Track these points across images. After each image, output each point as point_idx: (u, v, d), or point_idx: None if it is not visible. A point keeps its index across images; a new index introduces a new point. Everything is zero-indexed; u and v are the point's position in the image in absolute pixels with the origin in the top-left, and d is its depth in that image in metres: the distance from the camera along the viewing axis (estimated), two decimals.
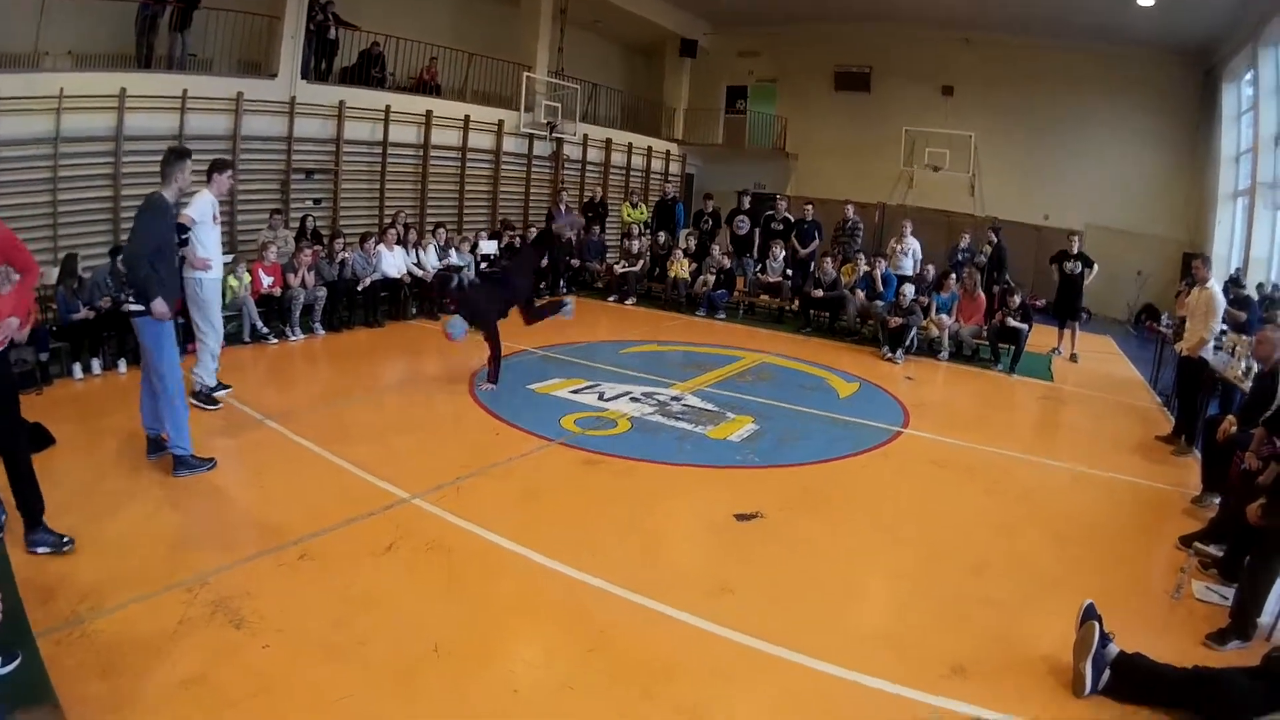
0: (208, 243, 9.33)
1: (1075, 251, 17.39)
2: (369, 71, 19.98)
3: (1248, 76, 21.71)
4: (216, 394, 9.70)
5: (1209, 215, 23.94)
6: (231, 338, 12.17)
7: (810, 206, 20.56)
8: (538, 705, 4.63)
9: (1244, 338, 11.46)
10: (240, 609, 5.24)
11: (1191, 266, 12.01)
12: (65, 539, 5.81)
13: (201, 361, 9.61)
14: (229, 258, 13.17)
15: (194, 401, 9.10)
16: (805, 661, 5.29)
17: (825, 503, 8.33)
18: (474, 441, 9.10)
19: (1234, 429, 8.24)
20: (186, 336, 11.22)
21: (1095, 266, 17.41)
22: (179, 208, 8.19)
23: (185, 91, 14.97)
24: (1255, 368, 9.41)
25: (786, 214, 20.33)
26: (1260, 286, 18.05)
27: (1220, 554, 7.24)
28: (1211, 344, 11.22)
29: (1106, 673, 5.18)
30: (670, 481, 8.52)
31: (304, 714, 4.40)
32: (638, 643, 5.37)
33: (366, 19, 20.13)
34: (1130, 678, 5.15)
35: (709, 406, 11.18)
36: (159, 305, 7.26)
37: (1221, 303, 11.26)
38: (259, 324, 12.75)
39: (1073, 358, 17.53)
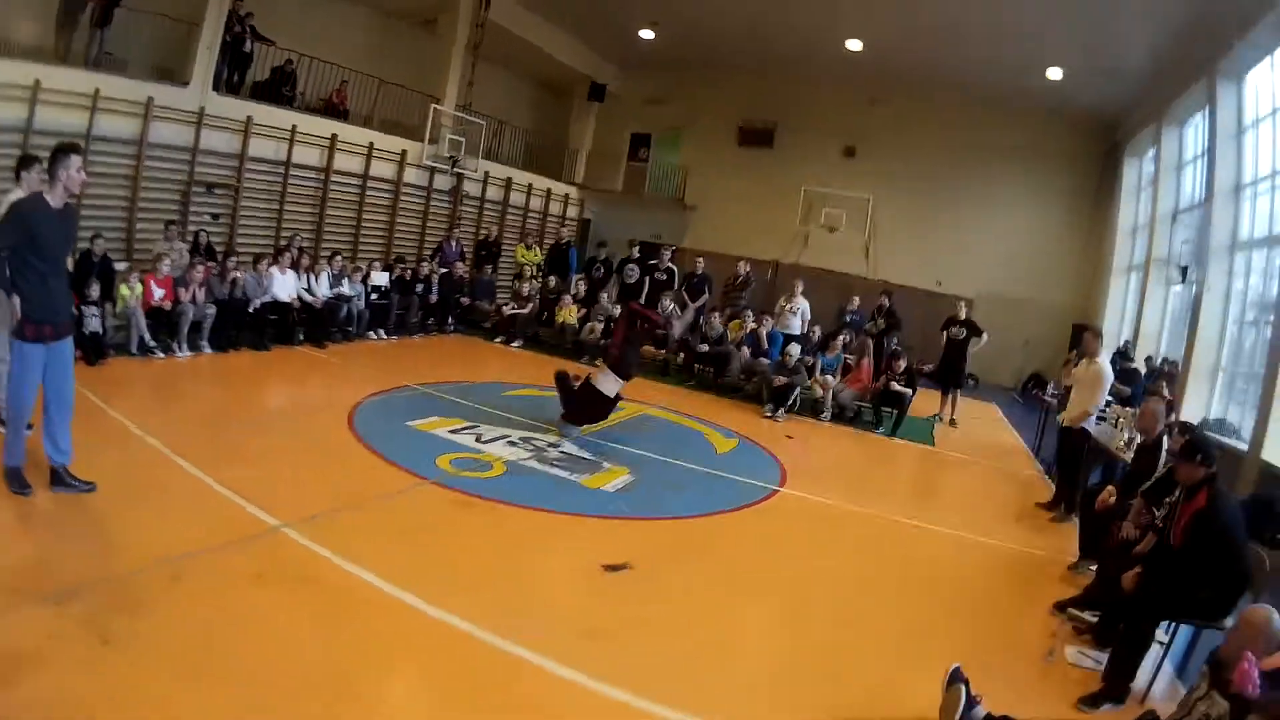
0: None
1: (962, 318, 17.98)
2: (279, 89, 20.07)
3: (1150, 153, 22.69)
4: None
5: (1101, 286, 24.92)
6: (119, 348, 12.25)
7: (701, 260, 20.85)
8: None
9: (1128, 410, 11.97)
10: (110, 626, 5.21)
11: (1082, 339, 12.39)
12: None
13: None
14: (124, 265, 13.21)
15: None
16: (673, 715, 5.36)
17: (696, 556, 8.46)
18: (350, 475, 9.05)
19: (1113, 499, 8.51)
20: (94, 350, 11.39)
21: (985, 336, 17.98)
22: (69, 212, 7.26)
23: (98, 91, 15.05)
24: (1137, 439, 9.79)
25: (670, 264, 20.64)
26: (1149, 360, 18.69)
27: (1094, 620, 7.50)
28: (1094, 416, 11.56)
29: None
30: (541, 528, 8.58)
31: None
32: (500, 687, 5.44)
33: (283, 34, 20.23)
34: None
35: (585, 455, 11.28)
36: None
37: (1109, 378, 11.65)
38: (147, 336, 12.62)
39: (951, 423, 18.00)
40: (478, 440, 11.11)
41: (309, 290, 15.74)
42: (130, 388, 11.32)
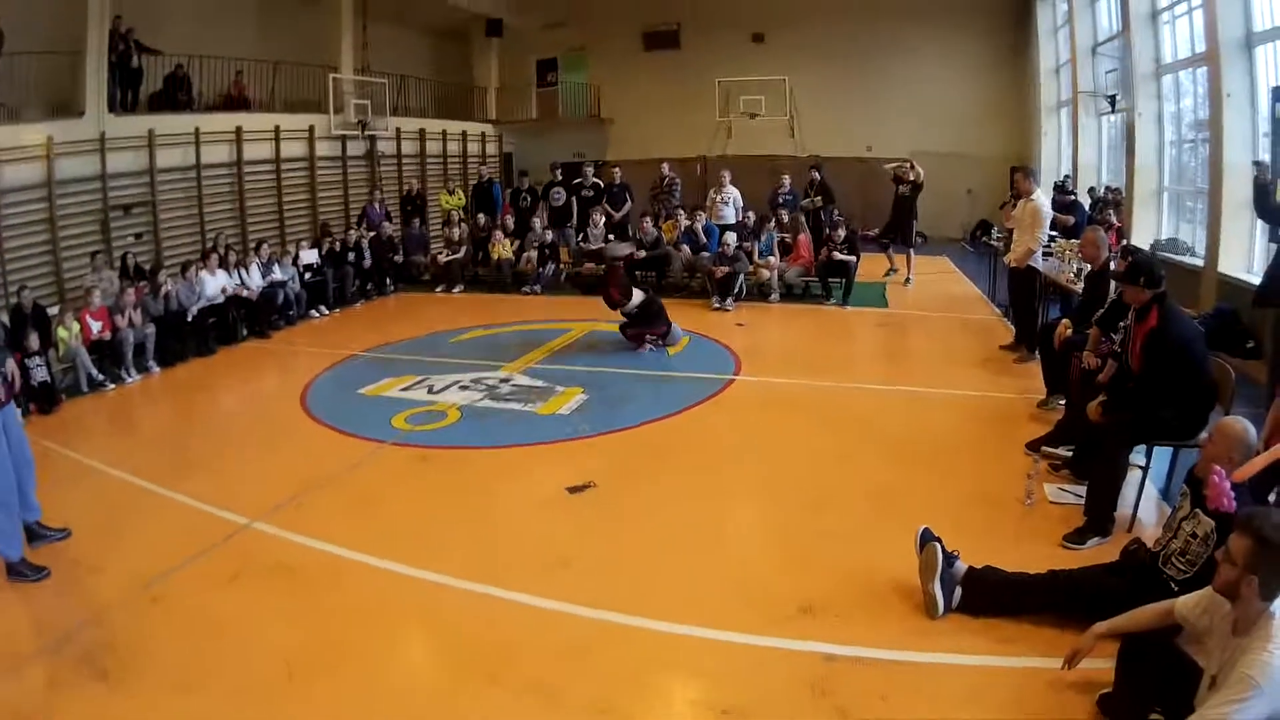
0: None
1: (911, 178, 18.21)
2: (175, 95, 19.78)
3: None
4: None
5: (1033, 128, 24.98)
6: (70, 390, 12.16)
7: (618, 170, 21.09)
8: (386, 709, 4.79)
9: (1072, 241, 11.99)
10: (103, 662, 5.29)
11: (1013, 180, 12.46)
12: None
13: None
14: (55, 309, 13.14)
15: None
16: (649, 625, 5.47)
17: (658, 462, 8.62)
18: (310, 456, 9.16)
19: (1069, 332, 8.57)
20: (46, 399, 11.35)
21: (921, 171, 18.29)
22: None
23: None
24: (1086, 269, 9.80)
25: (595, 180, 20.76)
26: (1091, 190, 18.80)
27: (1069, 454, 7.63)
28: (1040, 253, 11.63)
29: (958, 590, 5.35)
30: (502, 465, 8.76)
31: None
32: (480, 631, 5.54)
33: (168, 42, 19.73)
34: (984, 591, 5.35)
35: (537, 383, 11.45)
36: None
37: (1047, 213, 11.71)
38: (94, 372, 12.49)
39: (906, 281, 18.19)
40: (429, 392, 11.25)
41: (241, 284, 15.59)
42: (87, 426, 11.22)
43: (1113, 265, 8.86)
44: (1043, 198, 11.87)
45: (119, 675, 5.18)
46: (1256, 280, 11.07)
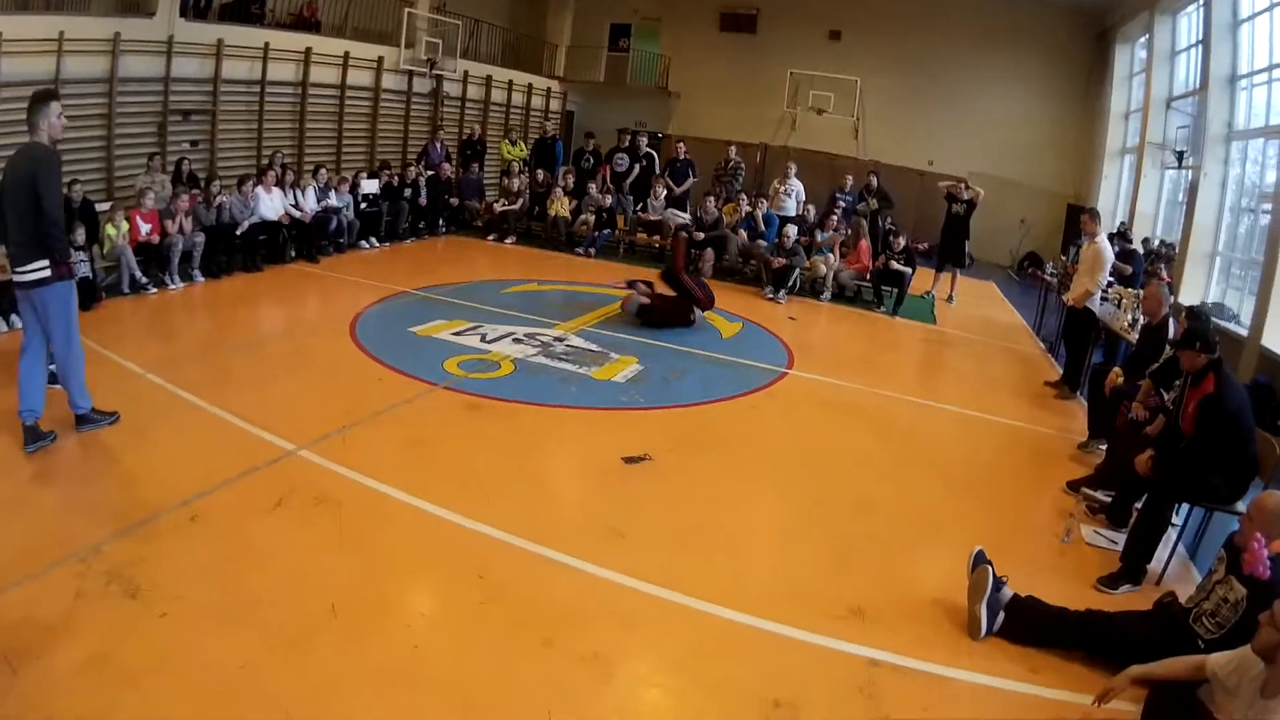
0: None
1: (965, 197, 17.88)
2: (249, 8, 19.59)
3: (1142, 40, 22.39)
4: None
5: (1095, 169, 24.77)
6: (111, 289, 12.03)
7: (682, 145, 20.77)
8: (439, 659, 4.69)
9: (1129, 290, 11.94)
10: (135, 578, 5.10)
11: (1080, 220, 12.34)
12: None
13: None
14: (106, 205, 13.01)
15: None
16: (703, 607, 5.44)
17: (713, 445, 8.55)
18: (357, 388, 9.05)
19: (1121, 380, 8.56)
20: (86, 294, 10.94)
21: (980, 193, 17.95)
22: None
23: (62, 34, 14.48)
24: (1142, 320, 9.77)
25: (649, 150, 20.86)
26: (1146, 241, 18.66)
27: (1108, 500, 7.62)
28: (1098, 295, 11.57)
29: (1001, 615, 5.44)
30: (555, 424, 8.68)
31: (206, 685, 4.30)
32: (533, 591, 5.46)
33: None
34: (1025, 620, 5.44)
35: (592, 347, 11.35)
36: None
37: (1109, 257, 11.63)
38: (138, 273, 12.34)
39: (949, 299, 18.07)
40: (483, 340, 11.13)
41: (296, 206, 15.49)
42: (127, 327, 11.10)
43: (1172, 323, 8.94)
44: (1105, 241, 11.77)
45: (151, 595, 5.00)
46: None
